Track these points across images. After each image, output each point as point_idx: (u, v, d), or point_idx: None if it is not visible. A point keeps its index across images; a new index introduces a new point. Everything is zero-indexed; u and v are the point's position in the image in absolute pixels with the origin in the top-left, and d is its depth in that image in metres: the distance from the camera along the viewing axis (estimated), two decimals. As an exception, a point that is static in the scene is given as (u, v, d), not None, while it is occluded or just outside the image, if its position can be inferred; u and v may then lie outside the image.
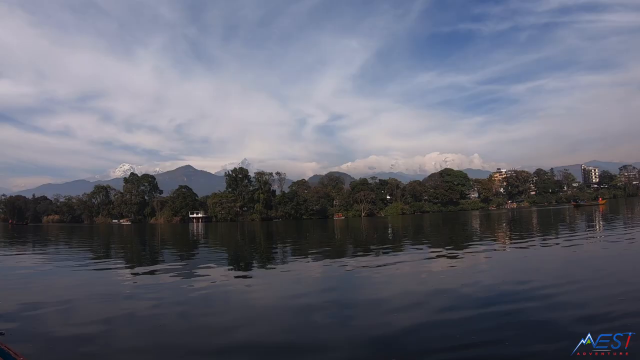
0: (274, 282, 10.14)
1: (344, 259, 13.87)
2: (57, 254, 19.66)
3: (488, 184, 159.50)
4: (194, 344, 4.98)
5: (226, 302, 7.80)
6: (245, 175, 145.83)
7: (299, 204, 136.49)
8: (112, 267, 14.12)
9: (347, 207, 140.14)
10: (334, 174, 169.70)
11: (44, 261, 16.71)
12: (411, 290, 8.35)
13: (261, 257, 16.45)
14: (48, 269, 13.68)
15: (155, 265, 14.33)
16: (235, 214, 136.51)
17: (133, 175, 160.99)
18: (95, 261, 16.54)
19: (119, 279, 11.11)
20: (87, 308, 7.52)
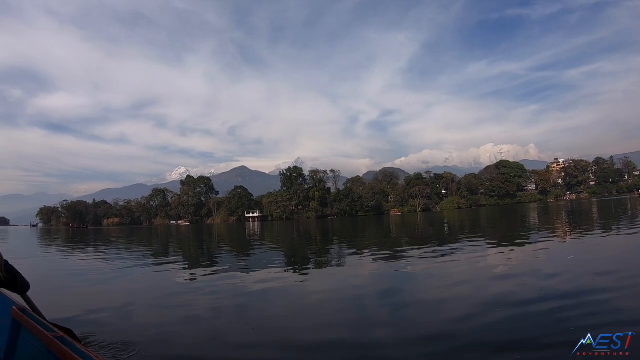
0: (329, 279, 10.07)
1: (400, 255, 13.76)
2: (117, 255, 20.49)
3: (545, 175, 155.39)
4: (252, 340, 5.08)
5: (282, 300, 7.85)
6: (300, 174, 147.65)
7: (354, 200, 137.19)
8: (171, 266, 14.34)
9: (402, 203, 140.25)
10: (388, 170, 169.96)
11: (105, 262, 17.31)
12: (466, 286, 8.16)
13: (317, 255, 16.40)
14: (109, 269, 14.11)
15: (213, 264, 14.60)
16: (291, 212, 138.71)
17: (189, 178, 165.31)
18: (155, 261, 16.98)
19: (177, 278, 11.29)
20: (147, 308, 7.70)
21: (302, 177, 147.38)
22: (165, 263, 15.58)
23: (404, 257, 13.08)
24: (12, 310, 2.88)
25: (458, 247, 15.09)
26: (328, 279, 10.13)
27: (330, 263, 13.26)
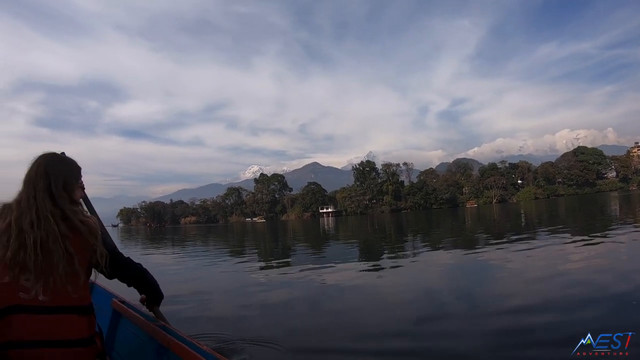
0: (402, 273, 9.95)
1: (475, 249, 13.69)
2: (196, 251, 21.27)
3: (626, 161, 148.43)
4: (324, 334, 5.14)
5: (356, 294, 7.81)
6: (373, 168, 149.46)
7: (428, 193, 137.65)
8: (246, 261, 14.70)
9: (477, 194, 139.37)
10: (461, 161, 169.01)
11: (183, 258, 17.83)
12: (540, 282, 7.81)
13: (391, 249, 16.20)
14: (187, 266, 14.53)
15: (288, 260, 14.83)
16: (365, 207, 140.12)
17: (263, 176, 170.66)
18: (231, 257, 17.27)
19: (252, 273, 11.48)
20: (224, 300, 7.90)
21: (375, 171, 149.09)
22: (242, 258, 16.25)
23: (479, 251, 13.13)
24: (113, 302, 3.13)
25: (535, 240, 14.68)
26: (402, 272, 10.18)
27: (405, 257, 13.31)
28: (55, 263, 1.77)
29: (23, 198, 1.86)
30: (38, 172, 1.92)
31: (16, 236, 1.77)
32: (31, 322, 1.72)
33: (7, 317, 1.71)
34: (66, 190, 1.95)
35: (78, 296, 1.83)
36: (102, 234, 2.00)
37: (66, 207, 1.90)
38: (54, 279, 1.76)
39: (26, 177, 1.92)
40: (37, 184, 1.89)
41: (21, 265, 1.75)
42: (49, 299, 1.76)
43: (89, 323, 1.85)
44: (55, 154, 2.06)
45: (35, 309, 1.74)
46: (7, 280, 1.73)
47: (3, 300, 1.72)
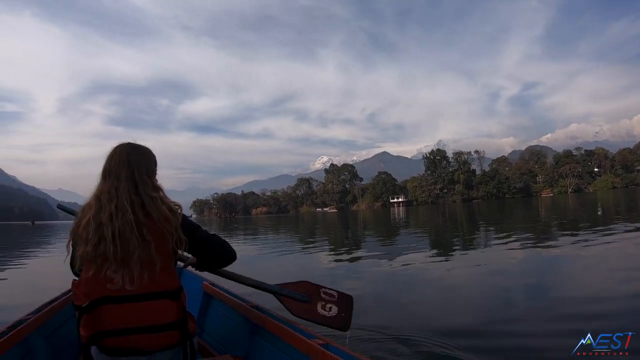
0: (473, 265, 9.89)
1: (549, 241, 13.34)
2: (266, 241, 21.92)
3: None
4: (386, 324, 5.01)
5: (424, 285, 7.84)
6: (444, 157, 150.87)
7: (500, 182, 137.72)
8: (316, 251, 14.88)
9: (551, 183, 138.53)
10: (534, 148, 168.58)
11: (257, 247, 18.21)
12: (613, 280, 7.47)
13: (462, 240, 16.18)
14: (259, 254, 14.73)
15: (357, 250, 14.89)
16: (436, 196, 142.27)
17: (333, 166, 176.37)
18: (301, 246, 17.53)
19: (321, 263, 11.65)
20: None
21: (446, 159, 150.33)
22: (312, 248, 16.42)
23: (554, 244, 12.80)
24: (203, 285, 3.33)
25: (613, 234, 14.07)
26: (472, 264, 10.05)
27: (476, 248, 13.31)
28: (132, 251, 1.84)
29: (104, 191, 1.94)
30: (120, 161, 1.99)
31: (95, 230, 1.84)
32: (121, 311, 1.82)
33: (97, 309, 1.80)
34: (149, 176, 2.04)
35: (164, 281, 1.91)
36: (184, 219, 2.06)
37: (148, 194, 1.97)
38: (136, 267, 1.85)
39: (106, 168, 2.00)
40: (121, 173, 1.97)
41: (102, 258, 1.83)
42: (136, 287, 1.84)
43: (177, 307, 1.92)
44: (131, 143, 2.13)
45: (123, 299, 1.83)
46: (91, 274, 1.82)
47: (91, 294, 1.81)
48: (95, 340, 1.78)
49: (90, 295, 1.80)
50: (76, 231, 1.89)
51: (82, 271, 1.85)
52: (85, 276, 1.83)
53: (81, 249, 1.83)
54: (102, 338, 1.78)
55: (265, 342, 2.54)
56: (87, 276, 1.82)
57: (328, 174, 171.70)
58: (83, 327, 1.81)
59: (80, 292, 1.83)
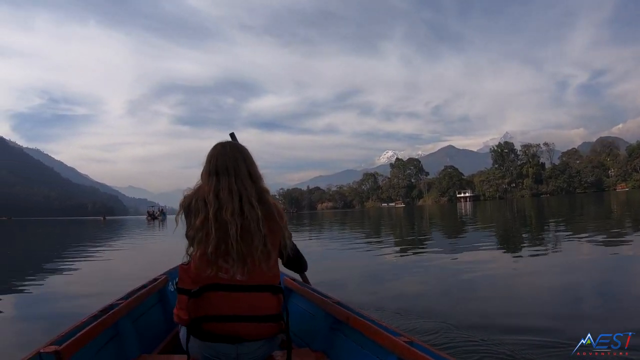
0: (539, 263, 9.75)
1: (623, 240, 13.05)
2: (331, 236, 21.86)
3: None
4: (447, 321, 4.86)
5: (490, 283, 7.71)
6: (511, 150, 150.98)
7: (571, 176, 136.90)
8: (382, 246, 14.93)
9: (624, 177, 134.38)
10: (605, 140, 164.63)
11: (321, 242, 18.07)
12: None
13: (530, 238, 15.97)
14: (325, 249, 14.66)
15: (423, 245, 15.04)
16: (504, 191, 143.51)
17: (399, 161, 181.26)
18: (367, 241, 17.72)
19: (386, 258, 11.49)
20: (359, 286, 7.76)
21: (514, 152, 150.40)
22: (377, 243, 16.58)
23: (628, 243, 12.37)
24: (284, 280, 3.40)
25: None
26: (539, 263, 9.85)
27: (544, 246, 12.87)
28: (255, 246, 1.92)
29: (223, 188, 1.97)
30: (235, 157, 2.06)
31: (216, 230, 1.89)
32: (228, 299, 1.92)
33: (205, 294, 1.91)
34: (258, 173, 2.11)
35: (271, 275, 2.03)
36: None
37: (263, 190, 2.07)
38: (252, 260, 1.93)
39: (218, 166, 2.03)
40: (239, 170, 2.03)
41: (223, 256, 1.92)
42: (246, 278, 1.94)
43: (278, 301, 2.05)
44: (233, 141, 2.25)
45: (233, 287, 1.92)
46: (204, 262, 1.91)
47: (201, 280, 1.92)
48: (197, 324, 1.92)
49: (200, 281, 1.93)
50: (187, 232, 1.99)
51: (193, 255, 1.97)
52: (197, 263, 1.94)
53: (199, 249, 1.93)
54: (204, 322, 1.92)
55: (346, 337, 2.57)
56: (199, 263, 1.93)
57: (394, 169, 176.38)
58: (186, 310, 1.95)
59: (188, 277, 1.99)
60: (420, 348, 2.00)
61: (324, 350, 2.69)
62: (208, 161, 2.07)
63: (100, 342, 2.25)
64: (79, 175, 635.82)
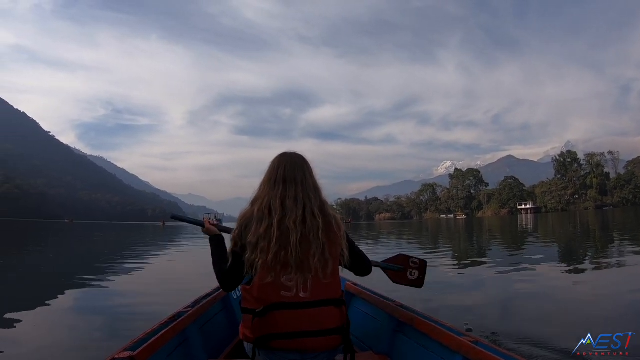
0: (602, 280, 9.62)
1: None
2: (389, 246, 22.46)
3: None
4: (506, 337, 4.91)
5: (549, 299, 7.53)
6: (574, 159, 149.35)
7: (637, 187, 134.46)
8: (440, 258, 15.17)
9: None
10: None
11: (378, 253, 17.57)
12: None
13: (594, 253, 15.83)
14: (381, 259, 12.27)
15: (482, 259, 15.13)
16: (566, 202, 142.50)
17: (458, 171, 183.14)
18: (425, 253, 17.69)
19: (444, 271, 11.69)
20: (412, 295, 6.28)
21: (577, 162, 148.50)
22: (436, 255, 16.45)
23: None
24: (346, 285, 3.63)
25: None
26: (602, 280, 9.62)
27: (607, 262, 12.72)
28: (312, 253, 2.01)
29: (290, 196, 2.10)
30: (302, 168, 2.20)
31: (277, 238, 2.00)
32: (292, 317, 1.99)
33: (270, 313, 1.98)
34: (319, 184, 2.24)
35: (332, 289, 2.10)
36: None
37: (323, 201, 2.19)
38: (309, 268, 2.02)
39: (286, 174, 2.16)
40: (305, 180, 2.16)
41: (282, 264, 2.00)
42: (309, 295, 2.02)
43: (341, 313, 2.11)
44: (294, 153, 2.31)
45: (296, 305, 2.00)
46: (269, 281, 1.99)
47: (267, 299, 2.00)
48: (263, 342, 1.99)
49: (264, 300, 2.01)
50: (249, 239, 2.06)
51: (256, 277, 2.04)
52: (259, 283, 2.02)
53: (260, 258, 2.01)
54: (271, 340, 1.99)
55: (410, 339, 2.66)
56: (262, 283, 2.02)
57: (453, 179, 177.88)
58: (251, 329, 2.03)
59: (251, 296, 2.06)
60: (486, 347, 2.11)
61: (387, 353, 2.86)
62: (275, 169, 2.23)
63: (170, 348, 2.42)
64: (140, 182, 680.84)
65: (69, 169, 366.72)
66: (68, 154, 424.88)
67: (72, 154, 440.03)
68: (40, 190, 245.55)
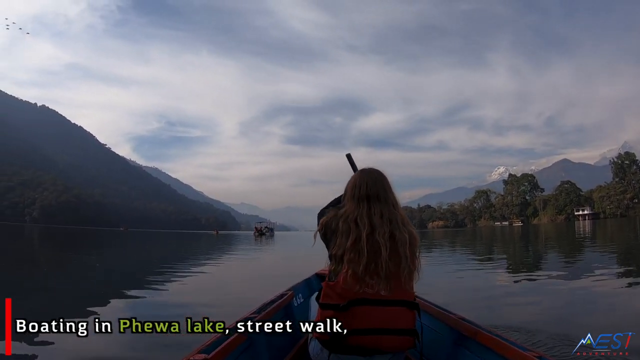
0: None
1: None
2: (442, 256, 22.36)
3: None
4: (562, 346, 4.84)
5: (607, 308, 7.53)
6: (633, 161, 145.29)
7: None
8: (494, 267, 15.13)
9: None
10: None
11: (431, 262, 17.53)
12: None
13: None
14: (435, 269, 14.34)
15: (537, 268, 15.12)
16: (625, 207, 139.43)
17: (512, 177, 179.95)
18: (478, 262, 17.83)
19: (499, 281, 11.65)
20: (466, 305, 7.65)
21: (636, 164, 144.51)
22: (489, 263, 16.62)
23: None
24: None
25: None
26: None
27: None
28: (402, 267, 2.20)
29: (375, 213, 2.28)
30: (383, 185, 2.39)
31: (368, 251, 2.16)
32: (372, 313, 2.16)
33: (352, 309, 2.15)
34: (397, 199, 2.43)
35: (409, 292, 2.29)
36: None
37: (404, 214, 2.37)
38: (397, 280, 2.21)
39: (370, 192, 2.35)
40: (387, 198, 2.35)
41: (371, 275, 2.18)
42: (389, 294, 2.20)
43: (413, 316, 2.28)
44: (373, 168, 2.52)
45: (377, 302, 2.18)
46: (351, 278, 2.18)
47: (348, 295, 2.17)
48: (340, 338, 2.13)
49: (347, 296, 2.19)
50: (334, 251, 2.26)
51: (342, 279, 2.20)
52: (346, 280, 2.19)
53: (350, 268, 2.18)
54: (350, 335, 2.14)
55: (471, 353, 2.68)
56: (349, 280, 2.19)
57: (507, 185, 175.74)
58: (330, 324, 2.15)
59: (334, 292, 2.23)
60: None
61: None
62: (357, 187, 2.40)
63: (238, 352, 2.57)
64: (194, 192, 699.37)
65: (125, 180, 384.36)
66: (124, 165, 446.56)
67: (127, 165, 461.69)
68: (97, 199, 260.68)
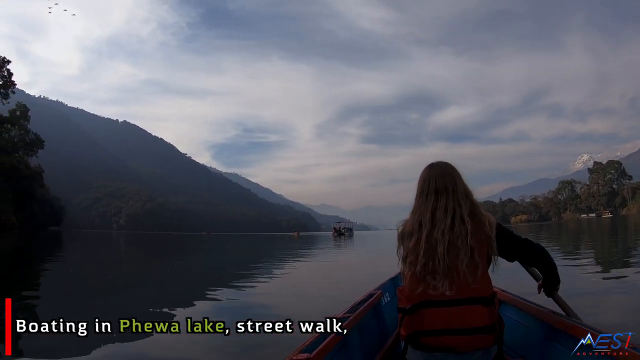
0: None
1: None
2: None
3: None
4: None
5: None
6: None
7: None
8: (582, 264, 14.65)
9: None
10: None
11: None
12: None
13: None
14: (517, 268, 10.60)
15: (627, 264, 14.38)
16: None
17: (597, 164, 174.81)
18: (564, 258, 17.00)
19: (587, 278, 11.31)
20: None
21: None
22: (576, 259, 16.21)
23: None
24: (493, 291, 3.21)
25: None
26: None
27: None
28: (461, 259, 2.14)
29: (440, 207, 2.26)
30: (452, 176, 2.34)
31: (425, 250, 2.18)
32: (439, 314, 2.14)
33: (418, 311, 2.17)
34: (469, 188, 2.36)
35: (479, 287, 2.19)
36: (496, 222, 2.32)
37: (475, 204, 2.30)
38: (457, 274, 2.15)
39: (438, 186, 2.31)
40: (456, 188, 2.30)
41: (430, 273, 2.18)
42: (454, 293, 2.15)
43: (490, 312, 2.18)
44: (442, 162, 2.46)
45: (442, 303, 2.15)
46: (415, 282, 2.22)
47: (414, 298, 2.20)
48: (414, 339, 2.18)
49: (413, 299, 2.21)
50: (408, 252, 2.27)
51: (406, 283, 2.28)
52: (408, 282, 2.27)
53: (409, 270, 2.25)
54: (420, 337, 2.16)
55: (563, 347, 2.60)
56: (410, 282, 2.25)
57: (592, 174, 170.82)
58: (403, 327, 2.23)
59: (403, 296, 2.29)
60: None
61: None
62: (426, 182, 2.37)
63: (334, 352, 2.56)
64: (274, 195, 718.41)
65: (206, 186, 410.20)
66: (204, 173, 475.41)
67: (208, 173, 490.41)
68: (180, 206, 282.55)
